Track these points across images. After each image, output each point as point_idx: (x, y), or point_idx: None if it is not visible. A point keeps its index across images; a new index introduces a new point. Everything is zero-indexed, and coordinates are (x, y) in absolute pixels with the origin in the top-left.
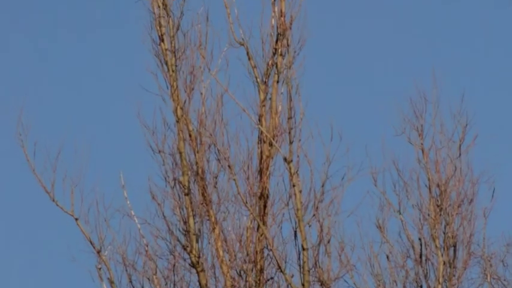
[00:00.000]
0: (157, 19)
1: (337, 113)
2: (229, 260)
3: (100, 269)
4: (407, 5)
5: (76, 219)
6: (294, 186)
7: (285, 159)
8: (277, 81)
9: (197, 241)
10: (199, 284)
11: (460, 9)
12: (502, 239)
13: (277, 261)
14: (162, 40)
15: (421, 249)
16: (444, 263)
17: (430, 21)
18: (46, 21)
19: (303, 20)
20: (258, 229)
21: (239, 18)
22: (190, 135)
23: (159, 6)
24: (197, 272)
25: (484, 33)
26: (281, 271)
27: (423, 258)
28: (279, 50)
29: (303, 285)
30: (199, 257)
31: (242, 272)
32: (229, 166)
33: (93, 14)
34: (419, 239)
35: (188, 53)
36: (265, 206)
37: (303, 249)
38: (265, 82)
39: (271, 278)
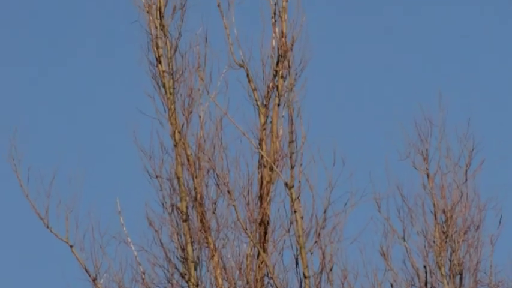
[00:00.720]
0: (154, 40)
1: (340, 137)
2: None
3: None
4: (412, 26)
5: (71, 246)
6: (295, 212)
7: (286, 184)
8: (278, 104)
9: (195, 269)
10: None
11: (467, 31)
12: (509, 267)
13: None
14: (160, 62)
15: (426, 277)
16: None
17: (436, 42)
18: (40, 41)
19: (305, 41)
20: (258, 256)
21: (239, 39)
22: (188, 160)
23: (156, 27)
24: None
25: (492, 56)
26: None
27: (428, 286)
28: (280, 72)
29: None
30: (197, 285)
31: None
32: (228, 191)
33: (88, 34)
34: (425, 267)
35: (186, 75)
36: (265, 233)
37: (305, 277)
38: (266, 105)
39: None
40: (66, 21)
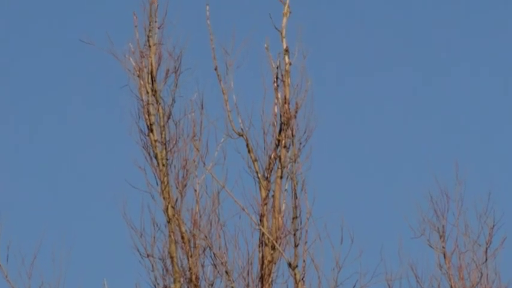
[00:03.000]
0: (145, 107)
1: (348, 212)
2: None
3: None
4: (427, 92)
5: None
6: None
7: (289, 264)
8: (281, 177)
9: None
10: None
11: (486, 99)
12: None
13: None
14: (151, 130)
15: None
16: None
17: (452, 109)
18: (22, 109)
19: (310, 108)
20: None
21: (238, 105)
22: (182, 238)
23: (147, 92)
24: None
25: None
26: None
27: None
28: (283, 142)
29: None
30: None
31: None
32: (226, 272)
33: (73, 100)
34: None
35: (180, 144)
36: None
37: None
38: (267, 178)
39: None
40: (49, 87)
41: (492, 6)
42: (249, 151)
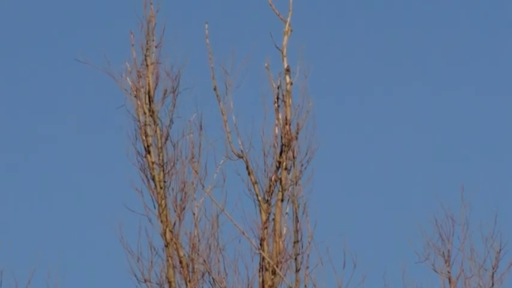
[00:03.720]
0: (142, 128)
1: (350, 236)
2: None
3: None
4: (430, 114)
5: None
6: None
7: None
8: (282, 200)
9: None
10: None
11: (490, 121)
12: None
13: None
14: (149, 152)
15: None
16: None
17: (457, 131)
18: (19, 128)
19: (312, 129)
20: None
21: (237, 126)
22: (181, 262)
23: (144, 113)
24: None
25: None
26: None
27: None
28: (284, 164)
29: None
30: None
31: None
32: None
33: (69, 120)
34: None
35: (178, 166)
36: None
37: None
38: (268, 200)
39: None
40: (43, 107)
41: (499, 19)
42: (249, 173)
